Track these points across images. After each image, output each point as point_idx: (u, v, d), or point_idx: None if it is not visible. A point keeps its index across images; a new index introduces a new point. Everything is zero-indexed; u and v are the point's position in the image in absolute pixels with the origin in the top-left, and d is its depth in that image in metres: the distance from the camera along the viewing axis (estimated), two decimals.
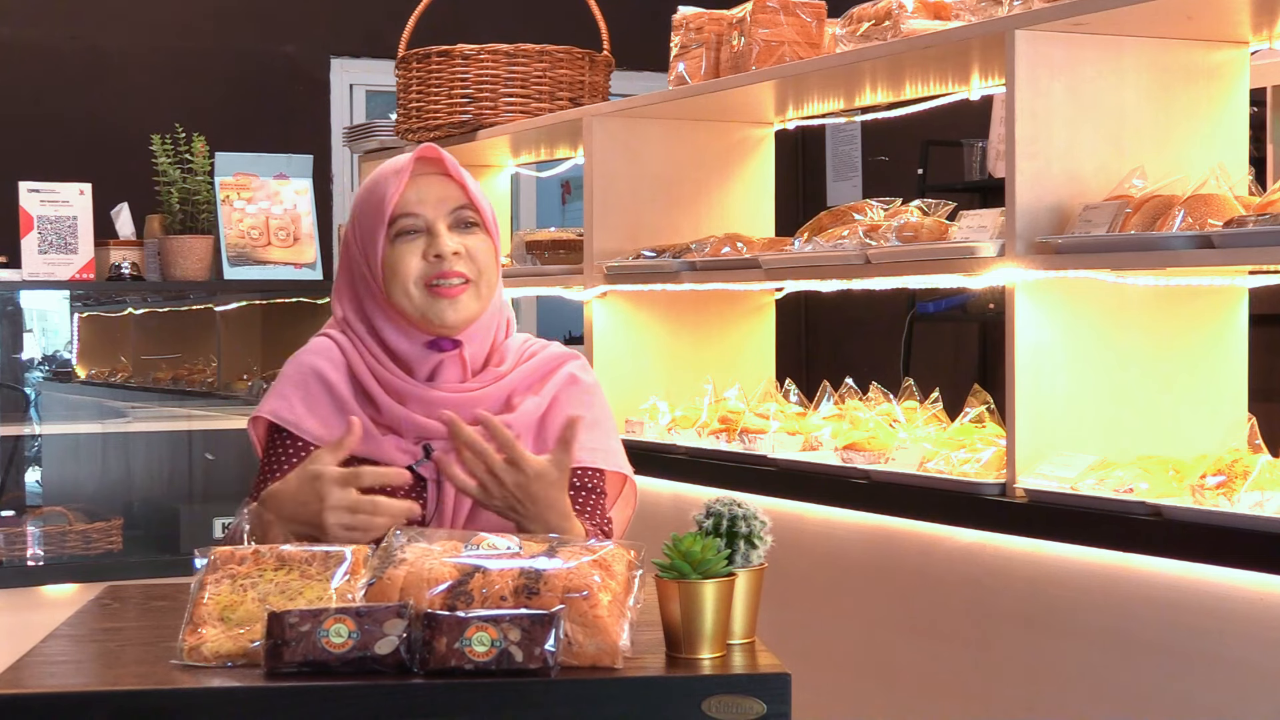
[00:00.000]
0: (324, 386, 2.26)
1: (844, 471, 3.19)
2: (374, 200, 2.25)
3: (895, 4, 3.23)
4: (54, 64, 6.38)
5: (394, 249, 2.23)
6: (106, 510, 4.89)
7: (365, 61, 6.87)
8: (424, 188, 2.24)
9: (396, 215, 2.22)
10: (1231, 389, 2.96)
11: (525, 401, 2.27)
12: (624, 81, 5.49)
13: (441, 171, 2.26)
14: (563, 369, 2.32)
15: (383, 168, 2.28)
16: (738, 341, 4.19)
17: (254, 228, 4.78)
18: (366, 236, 2.25)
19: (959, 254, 2.92)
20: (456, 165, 2.27)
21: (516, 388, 2.27)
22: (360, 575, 1.81)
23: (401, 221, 2.23)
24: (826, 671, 3.23)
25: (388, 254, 2.23)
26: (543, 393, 2.28)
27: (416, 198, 2.23)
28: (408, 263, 2.22)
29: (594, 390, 2.33)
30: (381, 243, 2.23)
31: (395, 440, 2.22)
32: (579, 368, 2.34)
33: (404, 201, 2.23)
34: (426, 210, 2.23)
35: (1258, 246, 2.41)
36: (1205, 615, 2.46)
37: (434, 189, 2.24)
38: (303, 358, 2.30)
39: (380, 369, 2.25)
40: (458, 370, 2.25)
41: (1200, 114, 2.90)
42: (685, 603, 1.72)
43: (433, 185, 2.25)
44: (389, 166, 2.27)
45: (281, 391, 2.27)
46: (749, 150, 4.21)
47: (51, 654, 1.82)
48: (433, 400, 2.22)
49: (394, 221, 2.23)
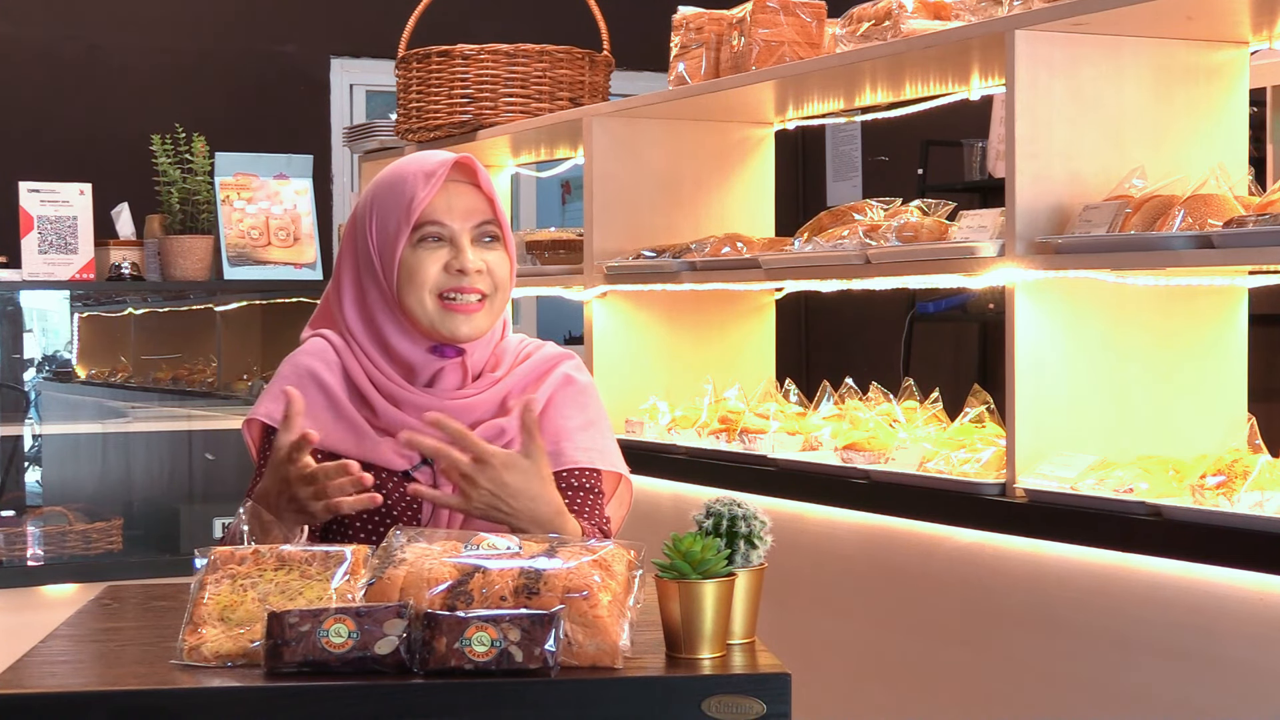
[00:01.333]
0: (319, 388, 2.24)
1: (844, 471, 3.19)
2: (401, 200, 2.21)
3: (895, 4, 3.23)
4: (54, 64, 6.38)
5: (414, 253, 2.20)
6: (106, 510, 4.89)
7: (365, 61, 6.87)
8: (454, 196, 2.21)
9: (423, 221, 2.20)
10: (1231, 389, 2.96)
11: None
12: (624, 81, 5.50)
13: (473, 182, 2.24)
14: (558, 369, 2.31)
15: (410, 166, 2.24)
16: (738, 341, 4.19)
17: (254, 228, 4.78)
18: (387, 235, 2.21)
19: (959, 254, 2.92)
20: (489, 180, 2.25)
21: (511, 391, 2.26)
22: (360, 575, 1.81)
23: (427, 228, 2.20)
24: (826, 671, 3.23)
25: (407, 257, 2.20)
26: (538, 394, 2.27)
27: (446, 206, 2.20)
28: (427, 270, 2.19)
29: (589, 390, 2.33)
30: (402, 245, 2.20)
31: (391, 444, 2.20)
32: (574, 368, 2.33)
33: (432, 208, 2.20)
34: (454, 221, 2.20)
35: (1258, 246, 2.41)
36: (1205, 615, 2.46)
37: (464, 199, 2.22)
38: (298, 359, 2.28)
39: (377, 373, 2.23)
40: (458, 377, 2.24)
41: (1200, 114, 2.90)
42: (685, 603, 1.72)
43: (463, 195, 2.22)
44: (418, 167, 2.23)
45: (276, 393, 2.25)
46: (749, 150, 4.21)
47: (51, 654, 1.82)
48: (430, 407, 2.20)
49: (419, 226, 2.20)
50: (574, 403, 2.29)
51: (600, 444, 2.29)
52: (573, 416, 2.28)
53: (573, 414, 2.28)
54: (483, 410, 2.23)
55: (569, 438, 2.26)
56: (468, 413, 2.21)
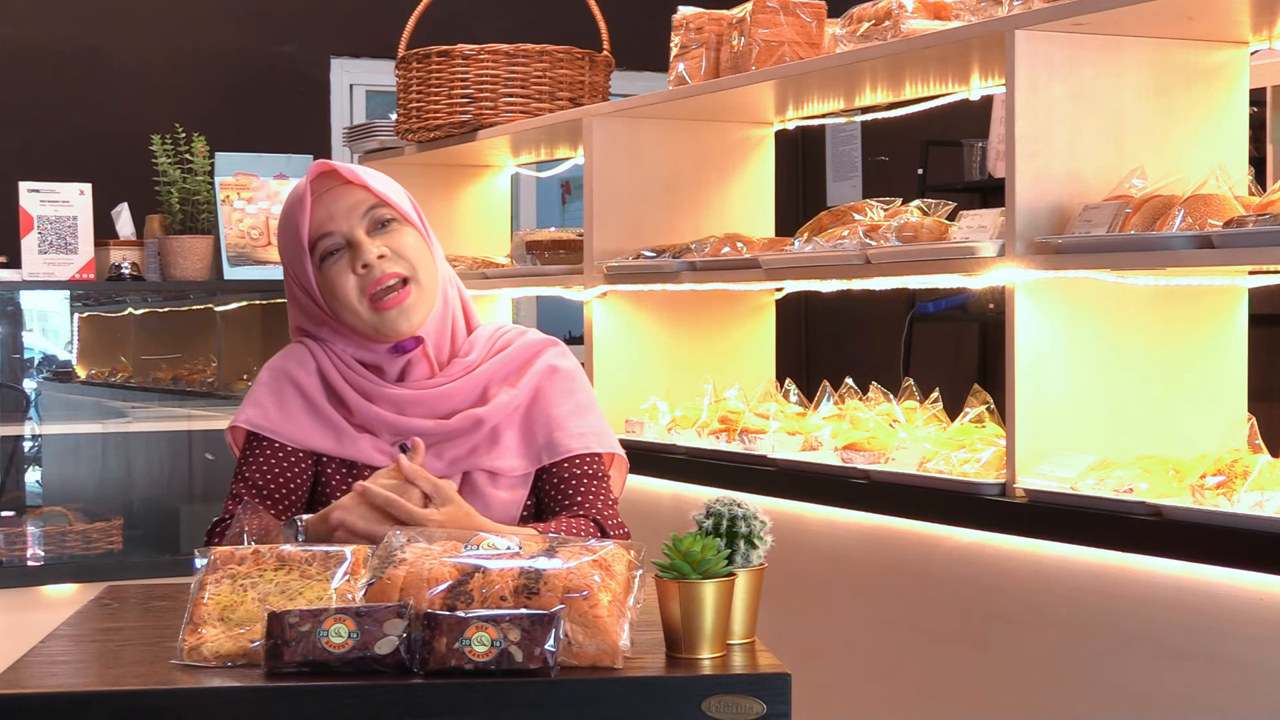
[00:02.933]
0: (297, 390, 2.28)
1: (844, 471, 3.19)
2: (290, 232, 2.25)
3: (895, 4, 3.23)
4: (54, 64, 6.38)
5: (324, 274, 2.23)
6: (106, 510, 4.89)
7: (365, 61, 6.87)
8: (330, 202, 2.23)
9: (314, 239, 2.23)
10: (1231, 389, 2.96)
11: (501, 394, 2.27)
12: (624, 81, 5.50)
13: (342, 181, 2.25)
14: (540, 359, 2.31)
15: (288, 199, 2.28)
16: (738, 341, 4.19)
17: (254, 228, 4.78)
18: (296, 269, 2.26)
19: (959, 254, 2.92)
20: (354, 170, 2.26)
21: (492, 379, 2.28)
22: (360, 575, 1.81)
23: (322, 244, 2.23)
24: (826, 671, 3.23)
25: (320, 280, 2.24)
26: (520, 384, 2.28)
27: (327, 215, 2.23)
28: (343, 283, 2.22)
29: (575, 375, 2.33)
30: (311, 271, 2.23)
31: (371, 440, 2.24)
32: (557, 355, 2.33)
33: (316, 223, 2.23)
34: (339, 224, 2.23)
35: (1257, 246, 2.41)
36: (1205, 615, 2.46)
37: (341, 201, 2.24)
38: (276, 363, 2.33)
39: (350, 372, 2.27)
40: (425, 367, 2.27)
41: (1200, 114, 2.90)
42: (685, 603, 1.72)
43: (338, 197, 2.24)
44: (292, 195, 2.26)
45: (257, 399, 2.30)
46: (749, 150, 4.21)
47: (51, 654, 1.82)
48: (404, 399, 2.23)
49: (314, 246, 2.23)
50: (561, 390, 2.30)
51: (596, 427, 2.30)
52: (562, 404, 2.29)
53: (562, 401, 2.29)
54: (461, 398, 2.25)
55: (561, 426, 2.27)
56: (445, 401, 2.24)
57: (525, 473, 2.26)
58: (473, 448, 2.23)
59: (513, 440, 2.26)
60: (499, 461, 2.23)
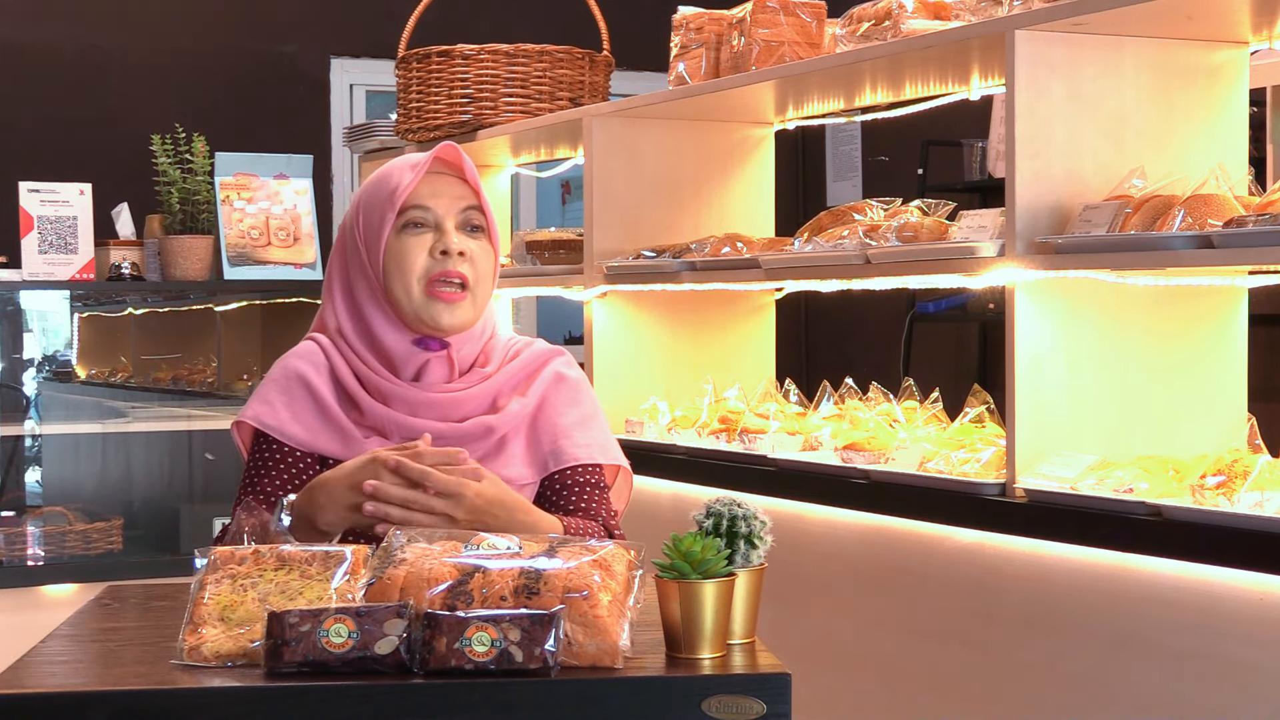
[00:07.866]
0: (306, 390, 2.26)
1: (844, 471, 3.19)
2: (385, 189, 2.24)
3: (895, 4, 3.23)
4: (54, 64, 6.38)
5: (399, 240, 2.23)
6: (106, 510, 4.89)
7: (365, 61, 6.87)
8: (439, 184, 2.25)
9: (408, 205, 2.22)
10: (1231, 389, 2.96)
11: (512, 402, 2.26)
12: (624, 81, 5.49)
13: (458, 173, 2.26)
14: (548, 367, 2.32)
15: (397, 161, 2.28)
16: (738, 341, 4.19)
17: (254, 228, 4.78)
18: (372, 224, 2.24)
19: (959, 254, 2.93)
20: (474, 170, 2.27)
21: (502, 389, 2.27)
22: (360, 575, 1.81)
23: (411, 213, 2.23)
24: (826, 671, 3.23)
25: (392, 244, 2.23)
26: (530, 393, 2.28)
27: (430, 192, 2.23)
28: (413, 255, 2.21)
29: (581, 385, 2.33)
30: (388, 232, 2.22)
31: (380, 442, 2.21)
32: (564, 364, 2.34)
33: (416, 194, 2.23)
34: (439, 205, 2.23)
35: (1257, 246, 2.41)
36: (1205, 615, 2.46)
37: (449, 187, 2.25)
38: (287, 362, 2.30)
39: (363, 368, 2.25)
40: (444, 370, 2.25)
41: (1200, 114, 2.90)
42: (685, 603, 1.72)
43: (448, 184, 2.25)
44: (404, 160, 2.27)
45: (265, 396, 2.28)
46: (749, 150, 4.21)
47: (51, 654, 1.82)
48: (417, 400, 2.22)
49: (404, 212, 2.23)
50: (568, 400, 2.30)
51: (600, 439, 2.30)
52: (568, 414, 2.29)
53: (568, 411, 2.29)
54: (473, 405, 2.24)
55: (566, 435, 2.27)
56: (457, 407, 2.23)
57: (530, 482, 2.26)
58: (480, 455, 2.23)
59: (519, 449, 2.26)
60: (505, 470, 2.22)
